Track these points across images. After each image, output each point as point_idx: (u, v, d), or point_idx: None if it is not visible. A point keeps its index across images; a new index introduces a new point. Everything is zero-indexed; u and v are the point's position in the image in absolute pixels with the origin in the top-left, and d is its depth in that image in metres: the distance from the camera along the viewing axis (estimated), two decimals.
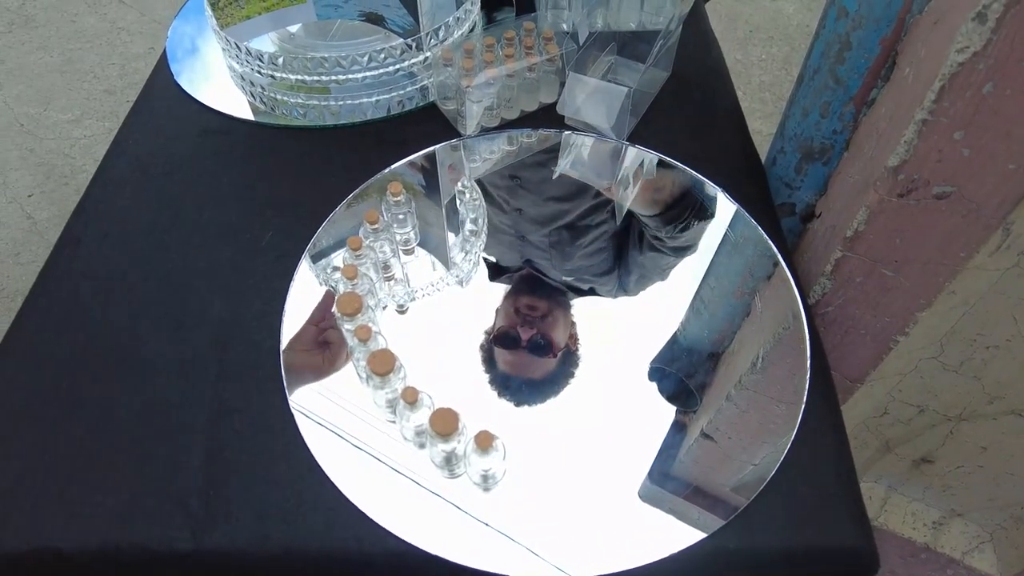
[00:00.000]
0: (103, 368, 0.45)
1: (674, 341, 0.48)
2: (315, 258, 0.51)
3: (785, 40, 2.03)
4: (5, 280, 1.39)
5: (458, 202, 0.55)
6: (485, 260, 0.53)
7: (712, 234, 0.55)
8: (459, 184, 0.55)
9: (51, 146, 1.67)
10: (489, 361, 0.47)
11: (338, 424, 0.42)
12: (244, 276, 0.50)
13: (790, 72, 1.91)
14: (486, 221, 0.54)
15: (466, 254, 0.53)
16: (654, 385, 0.46)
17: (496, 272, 0.53)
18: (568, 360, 0.47)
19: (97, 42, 1.95)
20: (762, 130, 1.67)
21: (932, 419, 0.62)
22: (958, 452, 0.64)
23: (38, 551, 0.38)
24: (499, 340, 0.48)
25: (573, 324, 0.49)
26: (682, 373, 0.46)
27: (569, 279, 0.52)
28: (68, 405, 0.43)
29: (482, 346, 0.48)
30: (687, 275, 0.52)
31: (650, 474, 0.41)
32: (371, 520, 0.38)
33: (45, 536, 0.38)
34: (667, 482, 0.41)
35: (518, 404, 0.45)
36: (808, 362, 0.45)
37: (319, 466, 0.40)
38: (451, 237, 0.54)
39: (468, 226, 0.54)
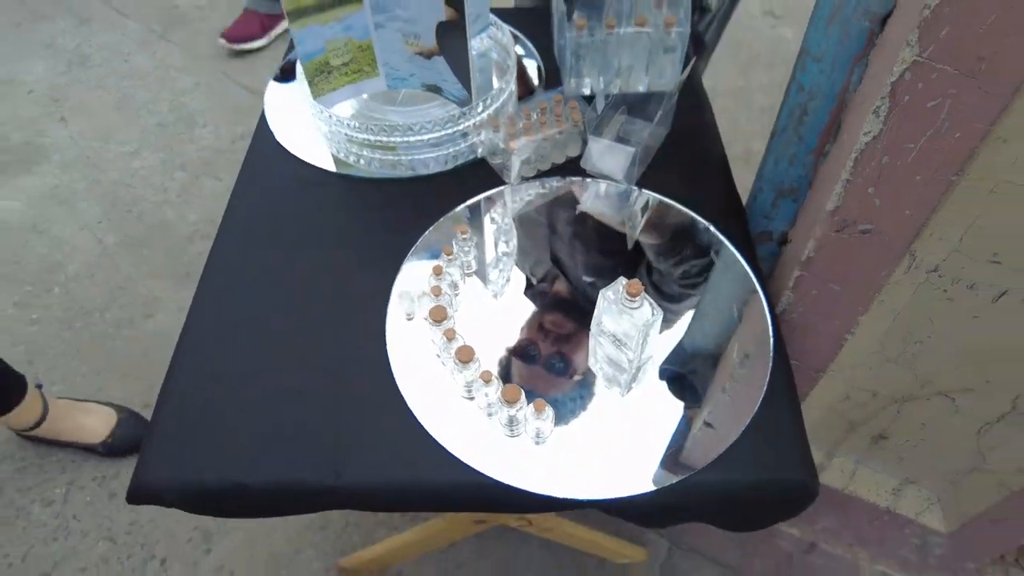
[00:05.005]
0: (263, 360, 0.62)
1: (680, 346, 0.64)
2: (403, 283, 0.68)
3: (785, 66, 2.19)
4: (84, 299, 1.56)
5: (496, 233, 0.72)
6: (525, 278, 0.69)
7: (720, 268, 0.71)
8: (499, 222, 0.72)
9: (114, 176, 1.85)
10: (505, 376, 0.59)
11: (433, 397, 0.59)
12: (349, 289, 0.67)
13: None
14: (516, 246, 0.71)
15: (500, 271, 0.70)
16: (664, 383, 0.62)
17: (530, 287, 0.68)
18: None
19: (148, 79, 2.14)
20: (762, 150, 1.83)
21: (882, 402, 0.78)
22: (905, 429, 0.80)
23: (229, 485, 0.54)
24: (518, 353, 0.62)
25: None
26: (687, 372, 0.62)
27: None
28: (246, 377, 0.60)
29: (500, 360, 0.62)
30: (707, 303, 0.69)
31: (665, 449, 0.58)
32: (462, 463, 0.55)
33: (234, 473, 0.54)
34: (676, 456, 0.58)
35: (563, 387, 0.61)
36: (771, 354, 0.61)
37: (423, 426, 0.57)
38: (490, 259, 0.70)
39: (502, 248, 0.71)
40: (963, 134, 0.49)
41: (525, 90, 0.88)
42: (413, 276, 0.68)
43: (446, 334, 0.58)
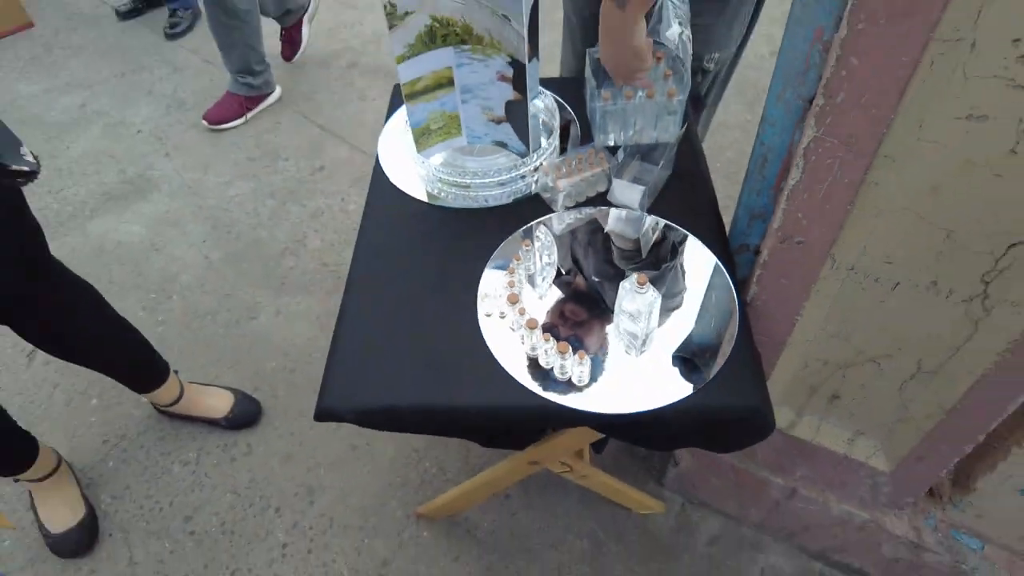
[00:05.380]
0: (398, 324, 0.93)
1: (675, 325, 0.94)
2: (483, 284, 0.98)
3: None
4: (197, 304, 1.90)
5: (541, 248, 1.02)
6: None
7: (704, 268, 1.00)
8: (542, 237, 1.02)
9: (213, 203, 2.20)
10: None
11: (510, 353, 0.89)
12: (447, 279, 0.97)
13: None
14: (556, 258, 1.01)
15: (543, 279, 1.00)
16: (676, 369, 0.91)
17: (559, 276, 0.98)
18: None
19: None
20: None
21: (831, 369, 1.06)
22: (850, 390, 1.07)
23: (383, 406, 0.85)
24: (548, 330, 0.93)
25: (605, 336, 0.94)
26: (695, 357, 0.91)
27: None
28: (387, 335, 0.91)
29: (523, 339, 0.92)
30: (695, 294, 0.98)
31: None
32: (531, 392, 0.85)
33: (387, 398, 0.85)
34: (671, 389, 0.87)
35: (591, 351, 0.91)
36: (738, 326, 0.91)
37: (505, 370, 0.87)
38: (538, 267, 1.00)
39: (545, 259, 1.01)
40: (849, 180, 0.78)
41: (567, 143, 1.18)
42: (491, 275, 0.98)
43: (519, 311, 0.88)
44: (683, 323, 0.95)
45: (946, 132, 0.70)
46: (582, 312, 0.96)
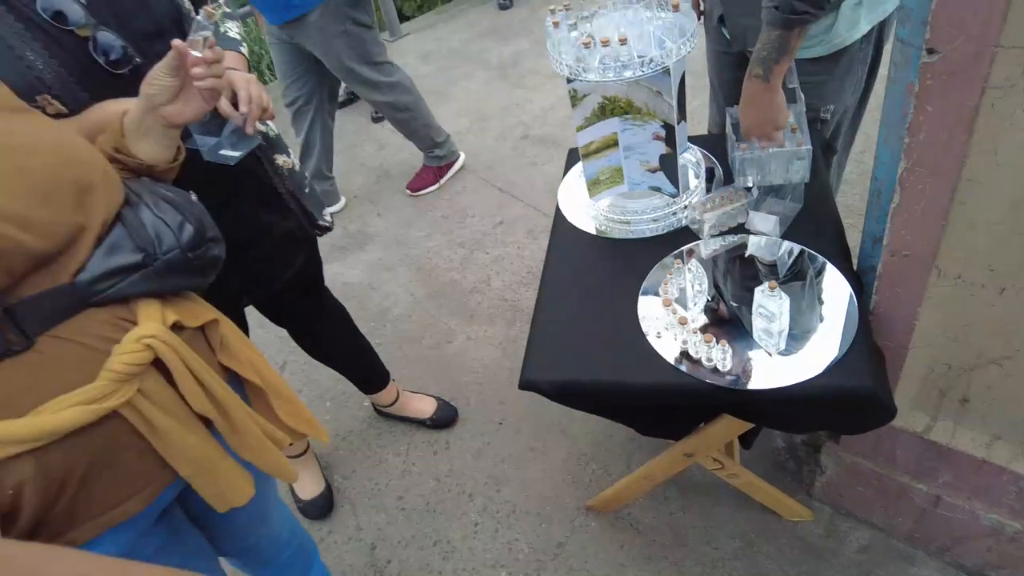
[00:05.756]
0: (580, 322, 1.22)
1: (807, 328, 1.15)
2: (644, 295, 1.26)
3: None
4: (406, 331, 2.33)
5: (692, 277, 1.27)
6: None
7: (832, 282, 1.20)
8: (694, 269, 1.28)
9: (415, 252, 2.67)
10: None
11: (667, 346, 1.15)
12: (614, 290, 1.25)
13: None
14: (706, 287, 1.25)
15: (695, 304, 1.24)
16: (803, 358, 1.12)
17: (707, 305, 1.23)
18: None
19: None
20: None
21: (956, 372, 1.19)
22: (978, 392, 1.19)
23: (567, 380, 1.14)
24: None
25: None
26: (820, 348, 1.12)
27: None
28: (573, 330, 1.21)
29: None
30: (825, 304, 1.19)
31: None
32: (687, 374, 1.10)
33: (570, 371, 1.14)
34: (801, 372, 1.08)
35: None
36: (856, 325, 1.10)
37: (663, 357, 1.13)
38: (689, 294, 1.25)
39: (696, 288, 1.26)
40: (939, 201, 0.97)
41: (711, 185, 1.44)
42: (649, 286, 1.26)
43: (673, 311, 1.14)
44: (812, 325, 1.16)
45: (1018, 156, 0.89)
46: (723, 334, 1.19)
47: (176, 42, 0.83)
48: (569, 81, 1.22)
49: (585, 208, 1.46)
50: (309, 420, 1.07)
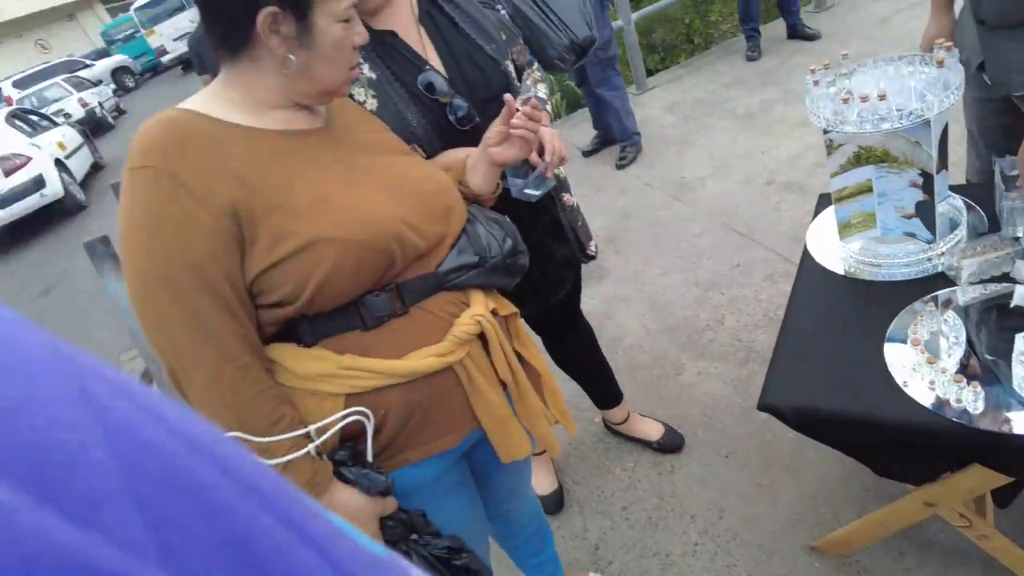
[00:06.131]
0: (821, 361, 1.31)
1: None
2: (891, 338, 1.30)
3: None
4: (639, 360, 2.50)
5: (948, 329, 1.27)
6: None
7: None
8: (950, 320, 1.28)
9: (651, 288, 2.83)
10: None
11: (912, 382, 1.18)
12: (858, 326, 1.31)
13: None
14: (964, 338, 1.25)
15: (949, 356, 1.25)
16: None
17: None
18: None
19: (668, 228, 3.16)
20: None
21: None
22: None
23: (807, 407, 1.23)
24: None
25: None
26: None
27: None
28: (808, 360, 1.29)
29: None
30: None
31: None
32: (933, 412, 1.13)
33: (811, 398, 1.23)
34: None
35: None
36: None
37: (912, 398, 1.17)
38: (944, 346, 1.26)
39: (953, 339, 1.26)
40: None
41: (973, 233, 1.43)
42: (897, 327, 1.29)
43: (922, 350, 1.18)
44: None
45: None
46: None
47: (507, 96, 1.12)
48: (826, 132, 1.33)
49: (835, 250, 1.53)
50: (563, 411, 1.29)
